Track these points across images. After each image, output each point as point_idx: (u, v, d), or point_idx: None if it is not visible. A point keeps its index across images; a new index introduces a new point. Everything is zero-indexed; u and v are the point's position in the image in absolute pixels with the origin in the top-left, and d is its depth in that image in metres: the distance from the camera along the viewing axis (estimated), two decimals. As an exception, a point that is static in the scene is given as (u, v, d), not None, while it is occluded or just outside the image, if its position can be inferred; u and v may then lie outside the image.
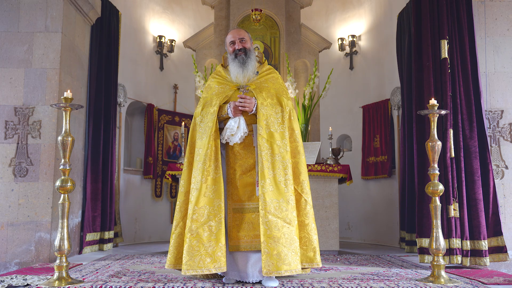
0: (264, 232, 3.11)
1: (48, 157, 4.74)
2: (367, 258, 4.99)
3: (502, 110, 4.92)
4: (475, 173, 4.51)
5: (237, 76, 3.47)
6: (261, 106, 3.33)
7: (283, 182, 3.20)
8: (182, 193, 3.45)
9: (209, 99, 3.51)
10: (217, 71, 3.70)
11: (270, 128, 3.28)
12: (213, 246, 3.15)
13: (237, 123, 3.33)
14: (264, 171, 3.20)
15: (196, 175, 3.30)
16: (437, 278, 3.43)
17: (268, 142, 3.25)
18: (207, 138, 3.31)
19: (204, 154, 3.29)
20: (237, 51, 3.48)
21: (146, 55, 7.61)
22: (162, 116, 7.62)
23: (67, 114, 3.40)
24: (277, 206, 3.15)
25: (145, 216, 7.30)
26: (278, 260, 3.06)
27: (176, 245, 3.36)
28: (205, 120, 3.41)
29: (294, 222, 3.17)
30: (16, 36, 4.89)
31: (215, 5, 7.34)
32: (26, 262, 4.57)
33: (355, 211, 7.44)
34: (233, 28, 4.03)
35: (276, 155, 3.23)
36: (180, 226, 3.38)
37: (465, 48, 4.76)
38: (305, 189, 3.37)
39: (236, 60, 3.47)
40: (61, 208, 3.34)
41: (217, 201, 3.23)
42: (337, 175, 5.53)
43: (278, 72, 3.71)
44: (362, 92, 7.64)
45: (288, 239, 3.11)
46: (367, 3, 7.66)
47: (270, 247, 3.08)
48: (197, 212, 3.21)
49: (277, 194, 3.17)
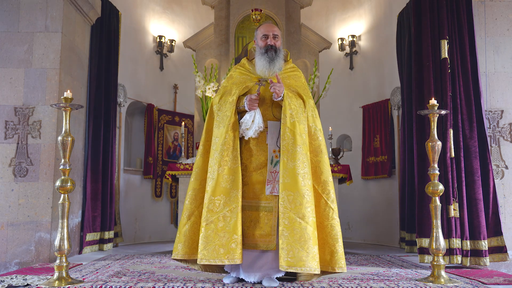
0: (280, 224, 3.08)
1: (48, 157, 4.74)
2: (367, 258, 4.99)
3: (502, 110, 4.92)
4: (475, 173, 4.51)
5: (263, 70, 3.44)
6: (287, 96, 3.29)
7: (301, 175, 3.13)
8: (197, 181, 3.38)
9: (229, 88, 3.49)
10: (241, 63, 3.67)
11: (295, 118, 3.23)
12: (227, 237, 3.12)
13: (252, 116, 3.29)
14: (285, 161, 3.15)
15: (213, 165, 3.27)
16: (437, 278, 3.43)
17: (291, 132, 3.20)
18: (225, 128, 3.29)
19: (221, 143, 3.25)
20: (269, 47, 3.44)
21: (146, 55, 7.61)
22: (162, 116, 7.62)
23: (67, 114, 3.40)
24: (291, 199, 3.09)
25: (145, 216, 7.30)
26: (287, 256, 3.00)
27: (191, 234, 3.30)
28: (223, 109, 3.39)
29: (308, 218, 3.07)
30: (16, 36, 4.89)
31: (215, 5, 7.33)
32: (26, 262, 4.57)
33: (355, 211, 7.43)
34: (266, 22, 3.99)
35: (298, 146, 3.17)
36: (195, 215, 3.32)
37: (465, 48, 4.76)
38: (326, 190, 3.27)
39: (266, 55, 3.43)
40: (61, 208, 3.34)
41: (234, 192, 3.19)
42: (337, 175, 5.53)
43: (301, 71, 3.70)
44: (362, 92, 7.64)
45: (298, 234, 3.03)
46: (367, 3, 7.66)
47: (282, 242, 3.04)
48: (213, 202, 3.18)
49: (293, 186, 3.10)
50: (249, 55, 3.76)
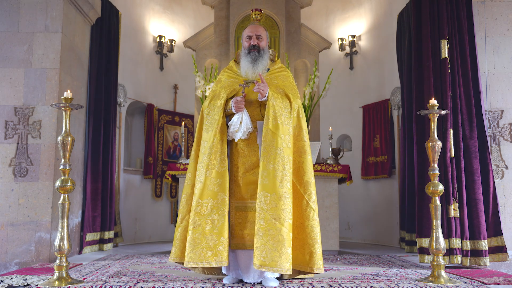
0: (256, 224, 3.10)
1: (48, 157, 4.73)
2: (367, 258, 4.99)
3: (502, 110, 4.92)
4: (475, 173, 4.51)
5: (247, 72, 3.47)
6: (272, 96, 3.30)
7: (279, 177, 3.14)
8: (189, 186, 3.43)
9: (217, 92, 3.51)
10: (229, 66, 3.69)
11: (278, 120, 3.24)
12: (215, 239, 3.15)
13: (239, 118, 3.30)
14: (264, 163, 3.17)
15: (201, 168, 3.29)
16: (437, 278, 3.43)
17: (273, 134, 3.21)
18: (213, 131, 3.31)
19: (209, 147, 3.28)
20: (252, 47, 3.47)
21: (146, 55, 7.61)
22: (162, 116, 7.62)
23: (67, 114, 3.40)
24: (267, 200, 3.11)
25: (145, 216, 7.30)
26: (261, 255, 3.03)
27: (182, 238, 3.35)
28: (212, 113, 3.40)
29: (284, 220, 3.08)
30: (16, 36, 4.89)
31: (215, 5, 7.34)
32: (26, 262, 4.57)
33: (355, 211, 7.43)
34: (252, 23, 3.99)
35: (279, 148, 3.19)
36: (186, 219, 3.36)
37: (465, 48, 4.76)
38: (308, 190, 3.29)
39: (249, 55, 3.46)
40: (61, 208, 3.34)
41: (221, 195, 3.21)
42: (337, 175, 5.53)
43: (289, 71, 3.70)
44: (362, 92, 7.64)
45: (272, 235, 3.05)
46: (367, 3, 7.66)
47: (257, 241, 3.06)
48: (201, 205, 3.20)
49: (270, 188, 3.12)
50: (236, 58, 3.76)
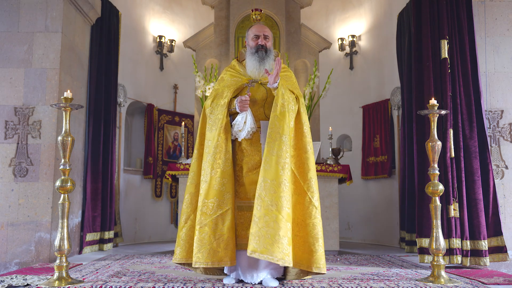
0: (254, 209, 3.06)
1: (48, 157, 4.74)
2: (367, 258, 4.99)
3: (502, 110, 4.92)
4: (475, 173, 4.51)
5: (253, 71, 3.46)
6: (282, 86, 3.31)
7: (281, 164, 3.11)
8: (193, 185, 3.41)
9: (220, 91, 3.50)
10: (231, 65, 3.69)
11: (285, 108, 3.24)
12: (221, 239, 3.14)
13: (244, 118, 3.30)
14: (269, 149, 3.13)
15: (206, 168, 3.28)
16: (437, 278, 3.43)
17: (280, 120, 3.19)
18: (217, 130, 3.30)
19: (214, 146, 3.27)
20: (259, 46, 3.46)
21: (146, 55, 7.61)
22: (162, 116, 7.62)
23: (67, 114, 3.40)
24: (267, 186, 3.06)
25: (145, 216, 7.30)
26: (253, 241, 2.97)
27: (187, 238, 3.32)
28: (215, 112, 3.40)
29: (281, 208, 3.02)
30: (16, 36, 4.89)
31: (215, 5, 7.34)
32: (26, 262, 4.57)
33: (355, 211, 7.43)
34: (257, 23, 3.99)
35: (284, 135, 3.16)
36: (191, 219, 3.34)
37: (465, 48, 4.76)
38: (312, 188, 3.24)
39: (256, 54, 3.45)
40: (61, 208, 3.34)
41: (227, 194, 3.21)
42: (337, 175, 5.53)
43: (292, 71, 3.71)
44: (362, 92, 7.64)
45: (268, 222, 2.99)
46: (367, 3, 7.66)
47: (252, 227, 3.02)
48: (207, 205, 3.19)
49: (272, 174, 3.08)
50: (239, 57, 3.76)
